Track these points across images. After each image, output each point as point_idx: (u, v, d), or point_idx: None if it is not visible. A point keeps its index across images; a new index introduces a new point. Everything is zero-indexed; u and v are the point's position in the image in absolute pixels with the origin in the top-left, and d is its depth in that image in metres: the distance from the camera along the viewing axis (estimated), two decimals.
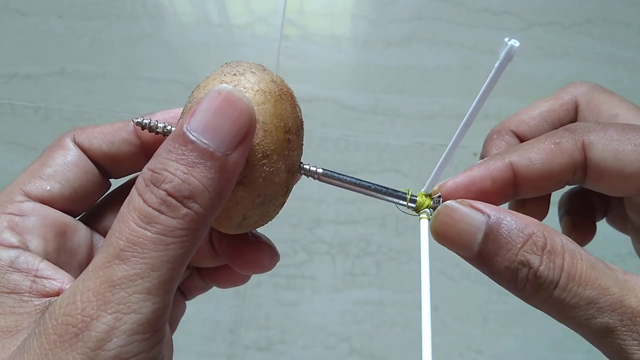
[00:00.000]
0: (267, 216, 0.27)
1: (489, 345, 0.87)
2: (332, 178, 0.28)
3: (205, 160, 0.22)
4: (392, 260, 0.90)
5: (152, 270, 0.21)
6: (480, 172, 0.27)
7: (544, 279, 0.22)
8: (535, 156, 0.26)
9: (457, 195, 0.27)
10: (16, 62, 0.99)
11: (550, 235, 0.23)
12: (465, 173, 0.27)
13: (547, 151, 0.26)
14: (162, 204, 0.21)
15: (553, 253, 0.23)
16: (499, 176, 0.27)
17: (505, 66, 0.24)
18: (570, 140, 0.26)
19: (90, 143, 0.28)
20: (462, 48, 1.02)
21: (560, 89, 0.32)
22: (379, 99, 0.99)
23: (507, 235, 0.23)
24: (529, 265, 0.23)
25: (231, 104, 0.22)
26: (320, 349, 0.86)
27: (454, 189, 0.27)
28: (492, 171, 0.27)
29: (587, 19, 1.06)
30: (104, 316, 0.20)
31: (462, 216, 0.24)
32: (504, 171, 0.27)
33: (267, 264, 0.31)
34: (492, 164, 0.27)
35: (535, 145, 0.27)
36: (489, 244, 0.23)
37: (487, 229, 0.23)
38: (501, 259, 0.23)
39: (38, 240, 0.25)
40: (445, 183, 0.27)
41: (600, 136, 0.26)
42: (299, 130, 0.26)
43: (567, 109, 0.31)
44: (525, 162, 0.26)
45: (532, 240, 0.23)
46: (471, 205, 0.24)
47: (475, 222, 0.24)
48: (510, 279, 0.23)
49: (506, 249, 0.23)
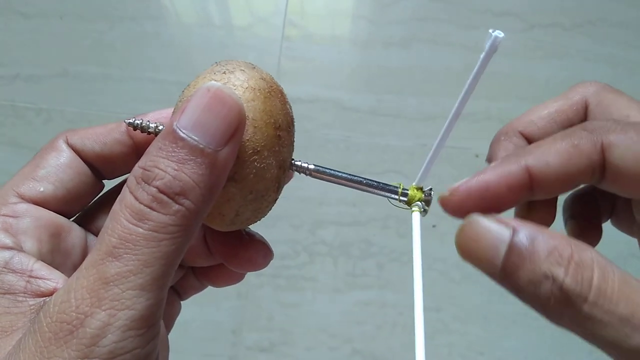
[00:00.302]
0: (260, 212, 0.27)
1: (491, 346, 0.87)
2: (323, 174, 0.28)
3: (196, 156, 0.22)
4: (393, 261, 0.90)
5: (144, 266, 0.21)
6: (495, 177, 0.25)
7: (571, 293, 0.21)
8: (553, 159, 0.25)
9: (470, 202, 0.25)
10: (18, 64, 0.99)
11: (578, 248, 0.22)
12: (479, 177, 0.25)
13: (565, 154, 0.25)
14: (154, 200, 0.21)
15: (581, 265, 0.21)
16: (515, 181, 0.25)
17: (491, 57, 0.24)
18: (588, 142, 0.25)
19: (83, 144, 0.28)
20: (463, 49, 1.02)
21: (569, 89, 0.31)
22: (380, 100, 0.99)
23: (531, 247, 0.22)
24: (553, 277, 0.21)
25: (220, 100, 0.22)
26: (323, 350, 0.86)
27: (467, 195, 0.25)
28: (508, 177, 0.25)
29: (588, 20, 1.06)
30: (98, 313, 0.20)
31: (486, 229, 0.23)
32: (520, 176, 0.25)
33: (261, 262, 0.31)
34: (508, 168, 0.25)
35: (552, 147, 0.25)
36: (512, 257, 0.22)
37: (511, 242, 0.22)
38: (524, 272, 0.22)
39: (32, 242, 0.26)
40: (457, 188, 0.26)
41: (621, 138, 0.25)
42: (289, 126, 0.27)
43: (576, 110, 0.30)
44: (543, 166, 0.25)
45: (557, 252, 0.21)
46: (496, 218, 0.23)
47: (499, 236, 0.23)
48: (533, 295, 0.22)
49: (529, 262, 0.22)
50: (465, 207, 0.25)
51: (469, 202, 0.25)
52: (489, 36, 0.23)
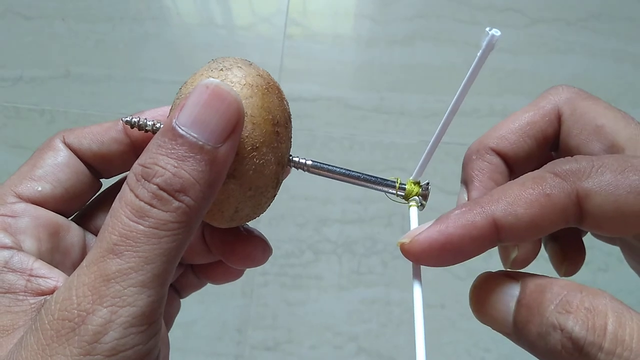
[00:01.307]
0: (259, 209, 0.27)
1: (497, 343, 0.87)
2: (321, 169, 0.28)
3: (195, 153, 0.22)
4: (398, 258, 0.90)
5: (145, 263, 0.21)
6: (457, 228, 0.23)
7: (582, 342, 0.19)
8: (523, 212, 0.23)
9: (431, 252, 0.24)
10: (21, 66, 1.00)
11: (590, 294, 0.20)
12: (440, 227, 0.23)
13: (536, 205, 0.23)
14: (154, 197, 0.21)
15: (593, 312, 0.20)
16: (480, 234, 0.23)
17: (487, 55, 0.24)
18: (562, 192, 0.23)
19: (80, 143, 0.29)
20: (466, 46, 1.02)
21: (540, 96, 0.30)
22: (383, 98, 0.99)
23: (538, 297, 0.21)
24: (561, 327, 0.20)
25: (219, 97, 0.22)
26: (328, 349, 0.86)
27: (428, 246, 0.24)
28: (472, 229, 0.23)
29: (592, 14, 1.05)
30: (99, 310, 0.20)
31: (495, 286, 0.22)
32: (485, 229, 0.23)
33: (260, 258, 0.31)
34: (471, 220, 0.23)
35: (522, 197, 0.23)
36: (522, 311, 0.21)
37: (520, 296, 0.21)
38: (533, 326, 0.21)
39: (31, 241, 0.26)
40: (417, 238, 0.24)
41: (596, 183, 0.22)
42: (287, 122, 0.27)
43: (549, 120, 0.29)
44: (512, 219, 0.23)
45: (565, 299, 0.20)
46: (506, 274, 0.23)
47: (509, 291, 0.22)
48: (544, 350, 0.20)
49: (537, 313, 0.20)
50: (425, 256, 0.24)
51: (429, 252, 0.24)
52: (486, 34, 0.23)
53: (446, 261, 0.24)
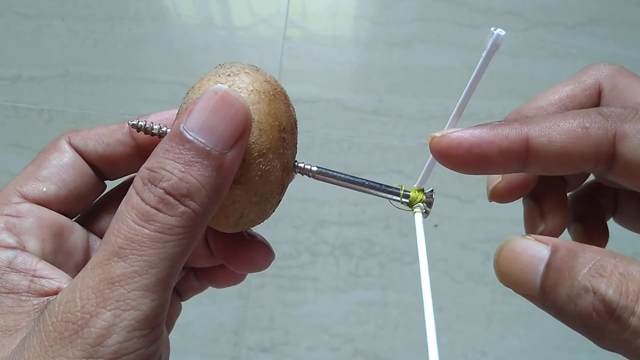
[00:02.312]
0: (264, 214, 0.27)
1: (493, 346, 0.87)
2: (326, 176, 0.28)
3: (202, 159, 0.22)
4: (395, 261, 0.90)
5: (150, 267, 0.21)
6: (489, 135, 0.24)
7: (615, 305, 0.19)
8: (558, 137, 0.23)
9: (457, 152, 0.24)
10: (20, 65, 0.99)
11: (624, 260, 0.20)
12: (474, 131, 0.24)
13: (572, 134, 0.23)
14: (160, 202, 0.21)
15: (626, 277, 0.19)
16: (509, 147, 0.23)
17: (492, 55, 0.24)
18: (600, 128, 0.23)
19: (86, 145, 0.29)
20: (465, 49, 1.02)
21: (581, 71, 0.29)
22: (382, 100, 0.99)
23: (570, 262, 0.20)
24: (594, 290, 0.19)
25: (227, 103, 0.22)
26: (324, 351, 0.86)
27: (456, 144, 0.24)
28: (503, 139, 0.24)
29: (591, 18, 1.05)
30: (103, 313, 0.20)
31: (524, 249, 0.22)
32: (516, 143, 0.23)
33: (262, 263, 0.32)
34: (506, 132, 0.24)
35: (560, 124, 0.23)
36: (551, 274, 0.21)
37: (549, 259, 0.21)
38: (563, 288, 0.20)
39: (35, 241, 0.26)
40: (448, 135, 0.24)
41: (637, 128, 0.23)
42: (293, 129, 0.27)
43: (589, 94, 0.28)
44: (544, 141, 0.23)
45: (598, 264, 0.20)
46: (535, 237, 0.22)
47: (538, 254, 0.21)
48: (574, 312, 0.20)
49: (569, 277, 0.20)
50: (451, 155, 0.24)
51: (456, 152, 0.24)
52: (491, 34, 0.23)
53: (467, 165, 0.24)
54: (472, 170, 0.25)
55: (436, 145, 0.25)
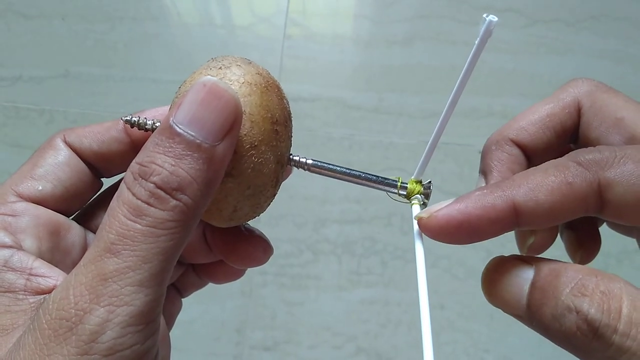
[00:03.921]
0: (258, 208, 0.27)
1: (496, 343, 0.87)
2: (322, 168, 0.28)
3: (193, 151, 0.22)
4: (397, 259, 0.90)
5: (143, 262, 0.21)
6: (476, 209, 0.23)
7: (597, 324, 0.19)
8: (544, 198, 0.23)
9: (448, 230, 0.24)
10: (20, 65, 0.99)
11: (605, 278, 0.21)
12: (459, 206, 0.24)
13: (557, 193, 0.23)
14: (151, 196, 0.21)
15: (608, 295, 0.20)
16: (499, 217, 0.23)
17: (485, 42, 0.24)
18: (584, 181, 0.23)
19: (81, 142, 0.29)
20: (465, 46, 1.02)
21: (560, 89, 0.30)
22: (383, 98, 0.99)
23: (553, 281, 0.21)
24: (576, 309, 0.20)
25: (216, 95, 0.22)
26: (326, 349, 0.86)
27: (445, 223, 0.24)
28: (490, 211, 0.23)
29: (591, 15, 1.05)
30: (97, 309, 0.20)
31: (509, 270, 0.22)
32: (504, 212, 0.23)
33: (261, 258, 0.31)
34: (491, 202, 0.23)
35: (543, 184, 0.23)
36: (536, 294, 0.21)
37: (534, 279, 0.22)
38: (547, 308, 0.21)
39: (31, 240, 0.26)
40: (436, 215, 0.24)
41: (619, 174, 0.23)
42: (286, 121, 0.27)
43: (569, 112, 0.29)
44: (532, 205, 0.23)
45: (580, 283, 0.20)
46: (519, 258, 0.23)
47: (523, 274, 0.22)
48: (559, 331, 0.21)
49: (552, 296, 0.21)
50: (443, 233, 0.24)
51: (446, 231, 0.24)
52: (483, 21, 0.23)
53: (461, 240, 0.24)
54: (467, 241, 0.25)
55: (425, 226, 0.25)
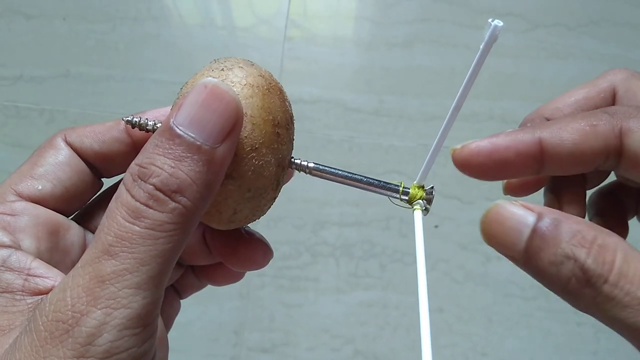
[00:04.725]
0: (258, 211, 0.27)
1: (494, 347, 0.87)
2: (323, 172, 0.28)
3: (193, 153, 0.21)
4: (396, 262, 0.90)
5: (141, 264, 0.21)
6: (505, 141, 0.26)
7: (592, 273, 0.21)
8: (568, 136, 0.25)
9: (478, 160, 0.26)
10: (21, 65, 0.99)
11: (602, 232, 0.22)
12: (491, 139, 0.26)
13: (581, 132, 0.25)
14: (150, 198, 0.21)
15: (604, 248, 0.21)
16: (525, 150, 0.25)
17: (490, 47, 0.24)
18: (607, 124, 0.25)
19: (82, 142, 0.28)
20: (466, 49, 1.02)
21: (598, 76, 0.31)
22: (383, 101, 0.99)
23: (555, 230, 0.22)
24: (575, 258, 0.21)
25: (217, 96, 0.22)
26: (325, 351, 0.86)
27: (476, 152, 0.26)
28: (519, 143, 0.26)
29: (592, 20, 1.05)
30: (93, 312, 0.20)
31: (510, 214, 0.23)
32: (531, 146, 0.25)
33: (261, 261, 0.31)
34: (520, 136, 0.26)
35: (570, 124, 0.25)
36: (536, 240, 0.22)
37: (535, 226, 0.22)
38: (546, 254, 0.22)
39: (30, 240, 0.25)
40: (468, 145, 0.26)
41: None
42: (288, 124, 0.26)
43: (604, 97, 0.30)
44: (556, 141, 0.25)
45: (580, 235, 0.22)
46: (521, 204, 0.24)
47: (524, 220, 0.23)
48: (555, 276, 0.22)
49: (552, 244, 0.22)
50: (473, 163, 0.26)
51: (477, 160, 0.26)
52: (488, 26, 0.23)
53: (489, 171, 0.26)
54: (494, 175, 0.27)
55: (458, 156, 0.27)
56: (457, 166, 0.27)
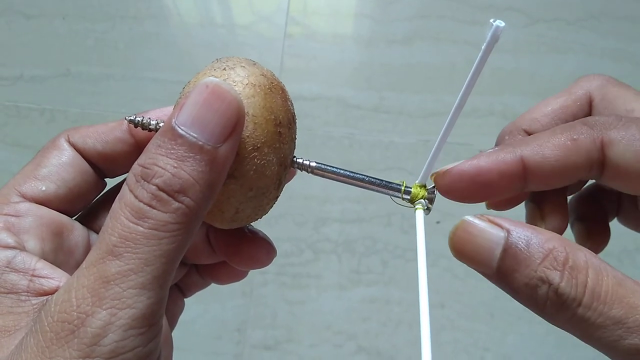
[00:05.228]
0: (261, 210, 0.27)
1: (496, 342, 0.87)
2: (325, 171, 0.28)
3: (195, 153, 0.22)
4: (398, 258, 0.90)
5: (145, 265, 0.21)
6: (487, 163, 0.26)
7: (565, 297, 0.21)
8: (550, 153, 0.25)
9: (461, 185, 0.26)
10: (21, 65, 0.99)
11: (572, 250, 0.22)
12: (472, 162, 0.26)
13: (562, 148, 0.25)
14: (154, 198, 0.21)
15: (575, 269, 0.21)
16: (507, 170, 0.25)
17: (492, 47, 0.24)
18: (588, 137, 0.25)
19: (85, 143, 0.28)
20: (466, 45, 1.02)
21: (573, 84, 0.31)
22: (383, 97, 0.99)
23: (526, 250, 0.22)
24: (549, 281, 0.21)
25: (218, 96, 0.22)
26: (327, 348, 0.86)
27: (458, 177, 0.26)
28: (501, 164, 0.25)
29: (592, 14, 1.05)
30: (99, 312, 0.20)
31: (480, 231, 0.23)
32: (513, 166, 0.25)
33: (264, 260, 0.31)
34: (502, 157, 0.25)
35: (550, 140, 0.25)
36: (508, 259, 0.22)
37: (505, 244, 0.22)
38: (520, 275, 0.22)
39: (35, 241, 0.26)
40: (450, 170, 0.26)
41: (622, 134, 0.24)
42: (290, 123, 0.26)
43: (580, 105, 0.30)
44: (538, 159, 0.25)
45: (552, 256, 0.21)
46: (489, 219, 0.23)
47: (493, 237, 0.22)
48: (530, 297, 0.22)
49: (525, 265, 0.22)
50: (456, 188, 0.26)
51: (460, 184, 0.26)
52: (490, 26, 0.23)
53: (473, 194, 0.26)
54: (479, 198, 0.26)
55: (441, 182, 0.26)
56: (441, 192, 0.27)
